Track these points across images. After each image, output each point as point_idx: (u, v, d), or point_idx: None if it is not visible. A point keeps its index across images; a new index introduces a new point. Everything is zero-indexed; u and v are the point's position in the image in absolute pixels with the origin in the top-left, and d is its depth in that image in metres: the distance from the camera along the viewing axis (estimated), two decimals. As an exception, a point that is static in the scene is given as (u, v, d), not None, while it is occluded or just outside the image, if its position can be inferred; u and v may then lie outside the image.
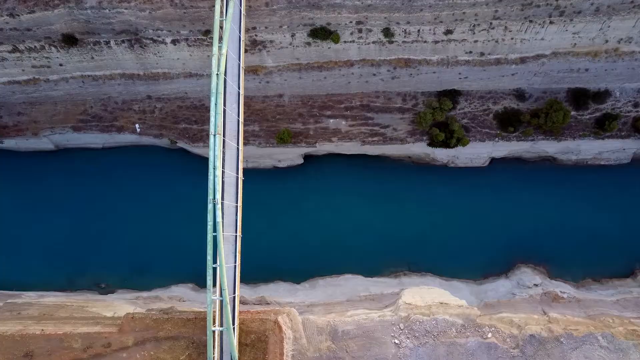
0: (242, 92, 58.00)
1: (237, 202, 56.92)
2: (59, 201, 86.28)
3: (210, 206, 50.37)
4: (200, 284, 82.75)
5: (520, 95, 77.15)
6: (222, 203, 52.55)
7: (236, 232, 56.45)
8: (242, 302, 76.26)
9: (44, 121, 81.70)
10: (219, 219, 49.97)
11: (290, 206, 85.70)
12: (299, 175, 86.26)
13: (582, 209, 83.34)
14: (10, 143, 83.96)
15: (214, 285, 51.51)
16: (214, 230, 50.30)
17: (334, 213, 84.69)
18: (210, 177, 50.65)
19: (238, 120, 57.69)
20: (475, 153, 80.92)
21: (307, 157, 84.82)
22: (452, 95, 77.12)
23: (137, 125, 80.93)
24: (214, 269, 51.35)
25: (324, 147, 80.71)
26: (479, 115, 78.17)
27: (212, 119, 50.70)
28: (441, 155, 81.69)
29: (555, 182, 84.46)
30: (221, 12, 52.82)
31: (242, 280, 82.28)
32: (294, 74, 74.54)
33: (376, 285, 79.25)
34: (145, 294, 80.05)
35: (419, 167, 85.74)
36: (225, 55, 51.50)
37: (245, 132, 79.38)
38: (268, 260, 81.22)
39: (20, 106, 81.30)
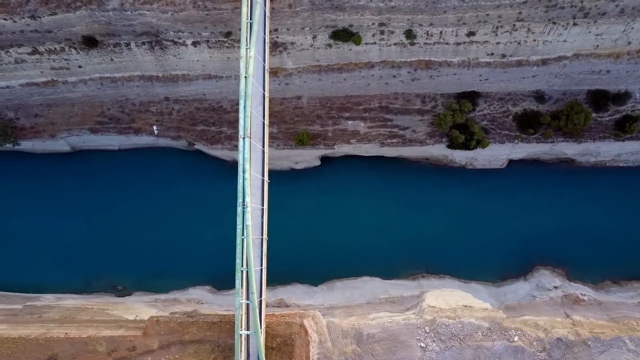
0: (267, 94, 57.76)
1: (262, 205, 56.66)
2: (74, 203, 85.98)
3: (239, 209, 50.11)
4: (217, 286, 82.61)
5: (539, 96, 76.91)
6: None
7: (262, 235, 56.18)
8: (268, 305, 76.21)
9: (61, 123, 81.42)
10: (248, 222, 49.66)
11: (306, 208, 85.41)
12: (315, 177, 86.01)
13: (599, 210, 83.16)
14: (26, 145, 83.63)
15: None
16: (243, 233, 49.94)
17: (350, 215, 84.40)
18: (240, 180, 50.38)
19: (263, 123, 57.39)
20: (493, 155, 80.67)
21: (324, 159, 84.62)
22: (472, 97, 76.90)
23: (154, 127, 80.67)
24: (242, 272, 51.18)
25: (342, 149, 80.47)
26: (499, 117, 77.91)
27: (241, 121, 50.35)
28: (459, 157, 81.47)
29: (573, 183, 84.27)
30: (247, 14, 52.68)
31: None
32: (314, 75, 74.30)
33: (395, 287, 78.99)
34: (163, 296, 79.80)
35: (436, 169, 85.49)
36: (253, 58, 51.24)
37: (263, 134, 79.54)
38: (285, 262, 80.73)
39: (38, 108, 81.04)
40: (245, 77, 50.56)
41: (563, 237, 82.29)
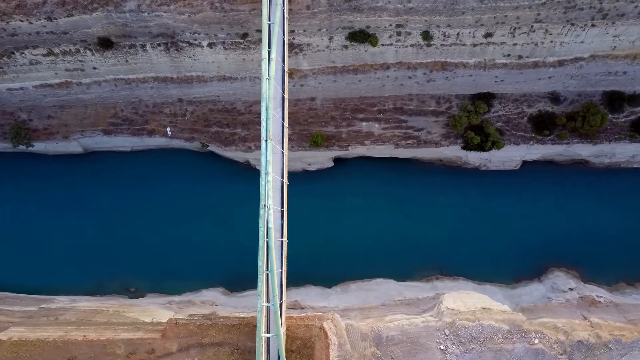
0: (286, 96, 57.67)
1: (282, 207, 56.51)
2: (87, 204, 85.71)
3: (262, 212, 49.89)
4: (230, 287, 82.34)
5: (555, 98, 76.70)
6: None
7: (282, 237, 56.03)
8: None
9: (74, 124, 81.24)
10: (271, 224, 49.47)
11: (319, 210, 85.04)
12: (328, 178, 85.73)
13: (613, 211, 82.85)
14: (39, 146, 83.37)
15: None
16: (266, 236, 49.76)
17: (363, 216, 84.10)
18: (262, 183, 50.21)
19: (282, 124, 57.28)
20: (507, 156, 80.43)
21: (336, 160, 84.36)
22: (486, 98, 76.67)
23: (168, 129, 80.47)
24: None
25: (356, 150, 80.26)
26: (514, 119, 77.70)
27: (263, 124, 50.22)
28: (473, 158, 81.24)
29: (587, 184, 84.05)
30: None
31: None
32: (329, 77, 74.12)
33: (409, 289, 78.70)
34: (177, 298, 79.52)
35: (450, 170, 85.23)
36: (275, 60, 51.06)
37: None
38: (298, 263, 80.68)
39: (51, 109, 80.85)
40: (268, 79, 50.49)
41: (576, 238, 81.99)
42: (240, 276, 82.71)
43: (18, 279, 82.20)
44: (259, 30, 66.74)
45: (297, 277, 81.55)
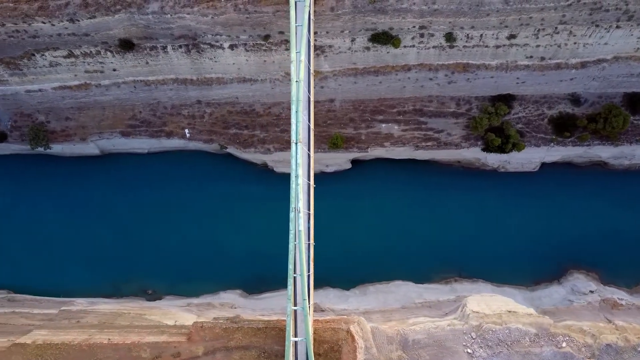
0: (312, 97, 57.40)
1: (309, 209, 56.22)
2: (104, 206, 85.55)
3: (292, 215, 49.60)
4: (248, 290, 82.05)
5: (575, 99, 76.39)
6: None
7: (309, 239, 55.72)
8: (297, 309, 75.69)
9: (92, 126, 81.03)
10: (301, 227, 49.20)
11: (337, 211, 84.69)
12: (346, 180, 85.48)
13: (632, 213, 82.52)
14: (56, 148, 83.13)
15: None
16: (296, 239, 49.47)
17: (381, 218, 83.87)
18: (292, 186, 49.93)
19: (309, 126, 56.99)
20: (527, 158, 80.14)
21: (354, 162, 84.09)
22: (507, 99, 76.36)
23: (186, 131, 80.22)
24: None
25: (375, 152, 79.99)
26: (534, 120, 77.41)
27: (293, 126, 50.02)
28: (492, 160, 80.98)
29: (605, 186, 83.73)
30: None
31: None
32: (349, 78, 73.86)
33: (429, 291, 78.43)
34: (195, 300, 79.27)
35: (468, 172, 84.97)
36: (304, 62, 50.84)
37: (296, 137, 79.08)
38: (316, 265, 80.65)
39: (69, 111, 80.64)
40: (297, 81, 50.30)
41: (595, 240, 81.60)
42: (257, 278, 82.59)
43: (35, 281, 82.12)
44: (282, 32, 66.61)
45: (315, 279, 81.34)
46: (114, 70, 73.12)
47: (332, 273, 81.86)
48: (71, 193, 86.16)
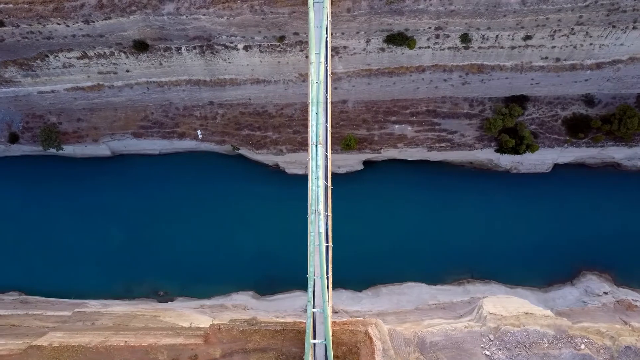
0: (329, 99, 57.18)
1: (327, 211, 56.00)
2: (115, 207, 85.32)
3: (312, 217, 49.44)
4: (260, 291, 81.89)
5: (589, 100, 76.17)
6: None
7: (327, 241, 55.50)
8: (310, 311, 75.47)
9: (104, 127, 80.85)
10: (321, 229, 49.04)
11: (348, 212, 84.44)
12: (358, 181, 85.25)
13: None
14: (67, 149, 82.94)
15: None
16: (317, 241, 49.29)
17: (393, 219, 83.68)
18: (313, 187, 49.78)
19: (326, 127, 56.75)
20: (540, 159, 79.99)
21: (366, 163, 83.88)
22: (520, 101, 76.16)
23: (199, 132, 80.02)
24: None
25: (388, 153, 79.83)
26: (547, 121, 77.20)
27: (313, 128, 49.84)
28: (505, 161, 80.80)
29: (618, 187, 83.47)
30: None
31: (303, 289, 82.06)
32: (363, 79, 73.69)
33: (442, 293, 78.27)
34: (208, 302, 79.10)
35: (480, 173, 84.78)
36: (324, 64, 50.67)
37: (308, 138, 78.97)
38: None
39: (81, 112, 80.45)
40: (317, 83, 50.07)
41: (608, 241, 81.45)
42: (269, 279, 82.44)
43: (46, 282, 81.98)
44: (297, 33, 66.42)
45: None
46: (127, 71, 72.93)
47: (345, 274, 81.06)
48: (82, 194, 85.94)
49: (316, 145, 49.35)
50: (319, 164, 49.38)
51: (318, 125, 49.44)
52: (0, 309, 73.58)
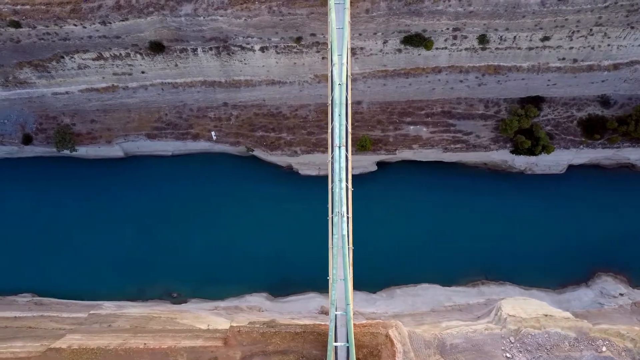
0: (349, 100, 56.89)
1: (347, 213, 55.67)
2: (127, 209, 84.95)
3: (336, 219, 49.25)
4: (273, 292, 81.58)
5: (604, 101, 75.99)
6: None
7: (348, 243, 55.19)
8: (326, 313, 75.31)
9: (118, 128, 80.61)
10: (345, 231, 48.84)
11: (362, 214, 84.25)
12: (371, 182, 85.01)
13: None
14: (80, 151, 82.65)
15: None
16: (340, 243, 49.07)
17: (406, 220, 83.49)
18: (336, 190, 49.64)
19: (347, 129, 56.44)
20: (555, 160, 79.82)
21: (379, 164, 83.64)
22: (536, 102, 75.99)
23: (213, 133, 79.82)
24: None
25: (402, 154, 79.62)
26: (563, 122, 77.02)
27: (336, 130, 49.64)
28: (520, 162, 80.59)
29: (633, 188, 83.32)
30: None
31: (317, 290, 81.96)
32: (379, 80, 73.50)
33: (457, 294, 78.03)
34: (222, 303, 78.77)
35: (494, 174, 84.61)
36: (346, 65, 50.48)
37: (323, 139, 78.90)
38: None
39: (94, 113, 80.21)
40: (340, 84, 49.88)
41: (623, 242, 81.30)
42: (282, 280, 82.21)
43: (59, 284, 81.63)
44: (314, 34, 66.24)
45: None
46: (143, 72, 72.73)
47: (358, 275, 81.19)
48: (94, 195, 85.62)
49: (339, 147, 49.12)
50: (342, 165, 49.18)
51: (341, 127, 49.24)
52: (15, 310, 73.26)
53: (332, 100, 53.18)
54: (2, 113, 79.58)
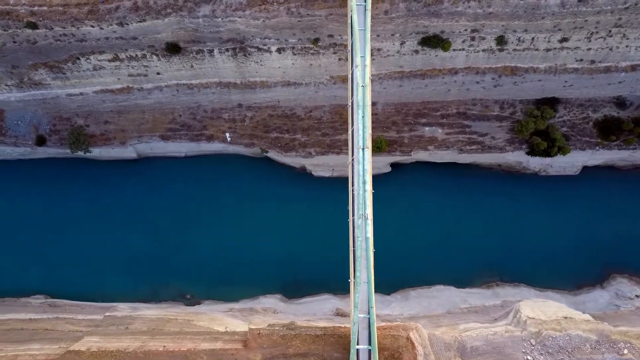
0: (369, 102, 56.59)
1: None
2: (141, 210, 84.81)
3: (360, 221, 49.01)
4: (287, 294, 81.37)
5: (620, 103, 75.80)
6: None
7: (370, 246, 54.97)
8: (341, 315, 75.13)
9: (132, 130, 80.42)
10: (369, 234, 48.63)
11: (375, 215, 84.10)
12: (385, 184, 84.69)
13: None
14: (94, 152, 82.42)
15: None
16: (364, 245, 48.88)
17: (420, 221, 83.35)
18: (360, 192, 49.43)
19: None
20: (569, 161, 79.63)
21: (393, 165, 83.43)
22: (551, 103, 75.80)
23: (227, 134, 79.62)
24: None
25: (417, 155, 79.40)
26: (578, 124, 76.82)
27: (359, 132, 49.36)
28: (534, 163, 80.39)
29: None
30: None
31: (331, 292, 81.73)
32: (395, 82, 73.29)
33: (472, 296, 77.79)
34: (236, 305, 78.51)
35: (508, 175, 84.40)
36: (369, 66, 50.26)
37: (337, 141, 78.74)
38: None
39: (108, 115, 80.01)
40: (363, 86, 49.64)
41: (638, 244, 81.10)
42: (296, 282, 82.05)
43: (72, 285, 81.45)
44: (331, 35, 66.06)
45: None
46: (158, 73, 72.54)
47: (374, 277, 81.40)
48: (108, 197, 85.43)
49: (363, 149, 48.86)
50: (366, 168, 48.92)
51: (365, 129, 48.96)
52: (30, 312, 73.09)
53: (352, 102, 52.97)
54: (16, 114, 79.41)
